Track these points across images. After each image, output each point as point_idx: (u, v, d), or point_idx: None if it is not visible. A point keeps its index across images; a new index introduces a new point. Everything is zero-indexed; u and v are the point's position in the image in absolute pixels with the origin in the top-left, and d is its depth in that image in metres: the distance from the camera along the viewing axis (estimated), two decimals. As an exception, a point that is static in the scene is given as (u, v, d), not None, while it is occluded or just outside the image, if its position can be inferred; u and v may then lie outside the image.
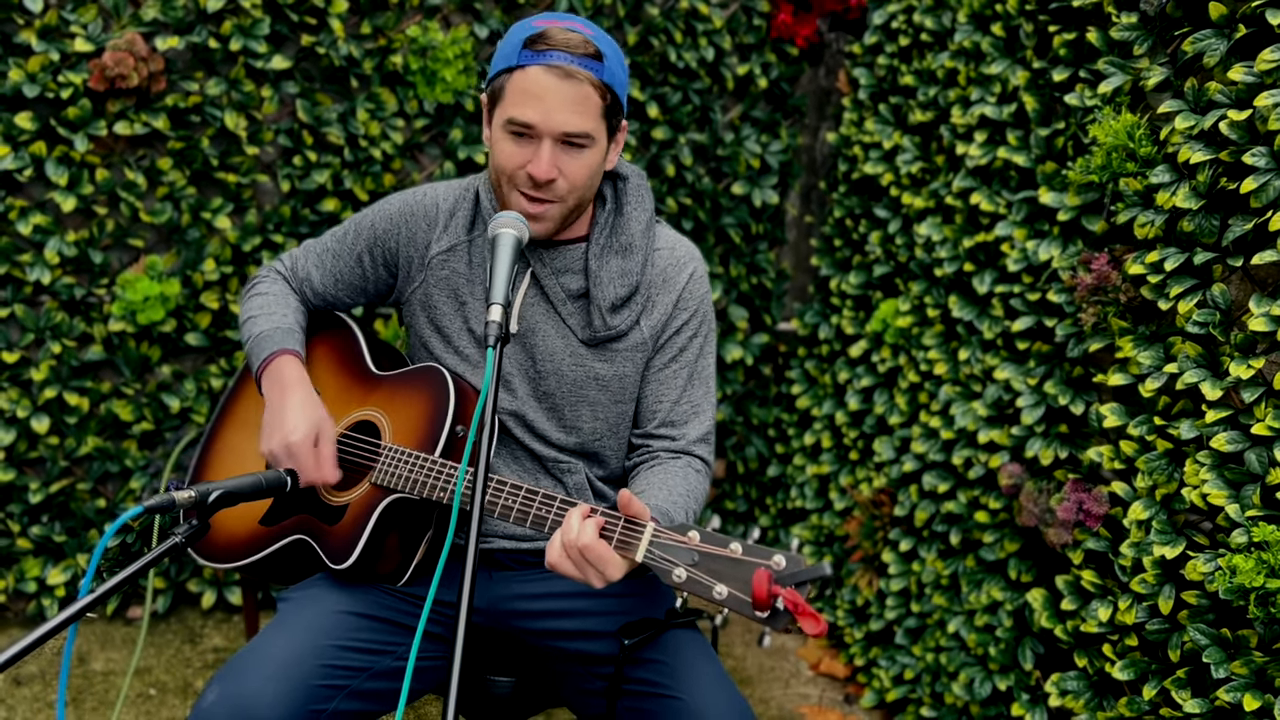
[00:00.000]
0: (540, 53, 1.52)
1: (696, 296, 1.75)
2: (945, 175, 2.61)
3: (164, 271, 2.67)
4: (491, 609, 1.71)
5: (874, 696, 2.75)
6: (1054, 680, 2.15)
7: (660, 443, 1.75)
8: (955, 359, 2.55)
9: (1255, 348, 1.79)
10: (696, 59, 3.00)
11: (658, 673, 1.56)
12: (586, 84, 1.53)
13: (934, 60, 2.65)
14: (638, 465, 1.75)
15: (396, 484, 1.58)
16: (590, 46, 1.54)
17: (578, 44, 1.53)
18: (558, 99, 1.52)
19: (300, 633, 1.53)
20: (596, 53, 1.54)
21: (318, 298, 1.87)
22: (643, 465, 1.74)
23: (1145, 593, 1.94)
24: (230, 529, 1.74)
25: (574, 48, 1.53)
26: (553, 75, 1.52)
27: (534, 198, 1.57)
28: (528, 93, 1.53)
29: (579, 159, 1.56)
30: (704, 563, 1.24)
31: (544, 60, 1.52)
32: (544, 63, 1.52)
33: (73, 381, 2.68)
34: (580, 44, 1.53)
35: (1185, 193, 1.89)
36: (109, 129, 2.57)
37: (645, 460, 1.74)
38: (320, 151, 2.75)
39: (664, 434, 1.75)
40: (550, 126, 1.53)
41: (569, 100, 1.52)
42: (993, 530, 2.40)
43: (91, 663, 2.66)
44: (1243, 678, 1.74)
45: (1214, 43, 1.85)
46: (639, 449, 1.77)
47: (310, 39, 2.65)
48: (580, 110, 1.53)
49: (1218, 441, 1.80)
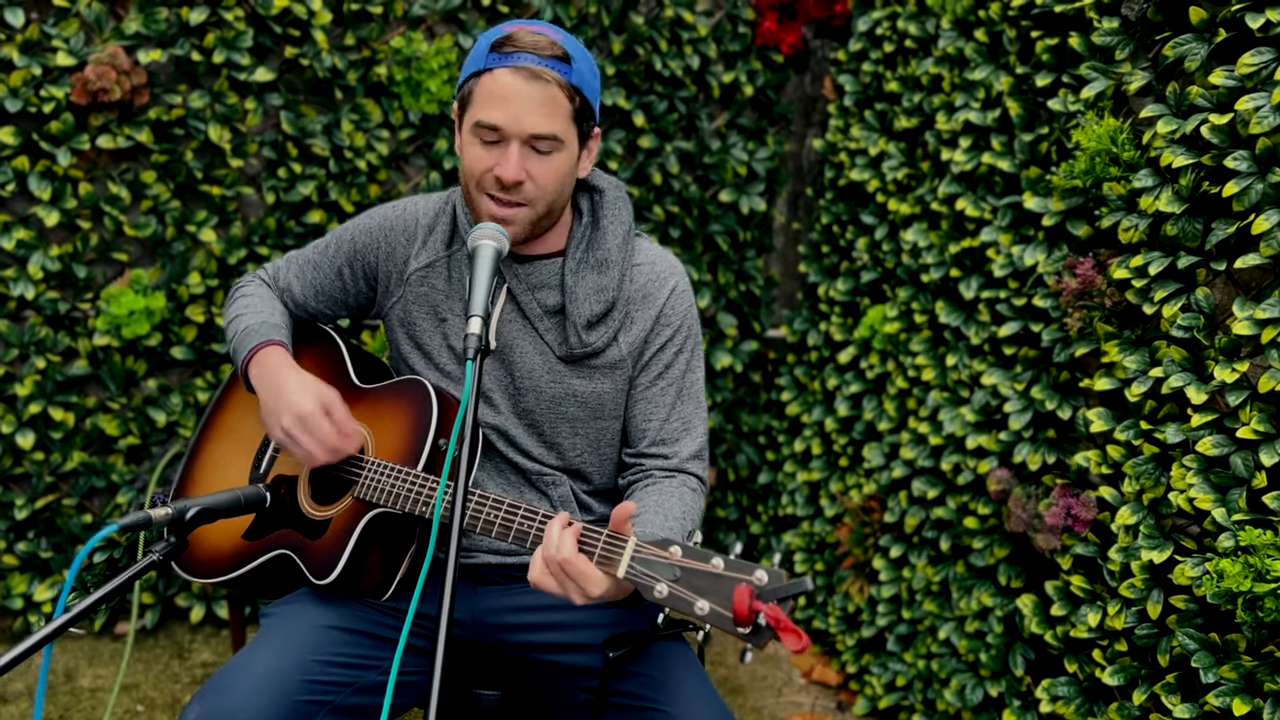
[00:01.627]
0: (507, 55, 1.52)
1: (679, 312, 1.74)
2: (931, 181, 2.62)
3: (149, 285, 2.65)
4: (476, 623, 1.69)
5: (866, 704, 2.74)
6: (1045, 686, 2.15)
7: (653, 461, 1.73)
8: (943, 365, 2.55)
9: (1239, 351, 1.79)
10: (682, 67, 3.00)
11: (643, 685, 1.55)
12: (554, 85, 1.52)
13: (918, 66, 2.65)
14: (633, 484, 1.73)
15: (379, 498, 1.57)
16: (558, 49, 1.53)
17: (545, 46, 1.52)
18: (525, 101, 1.51)
19: (283, 648, 1.52)
20: (564, 55, 1.53)
21: (298, 309, 1.86)
22: (638, 485, 1.72)
23: (1134, 598, 1.93)
24: (214, 544, 1.73)
25: (541, 49, 1.52)
26: (519, 77, 1.51)
27: (502, 200, 1.56)
28: (495, 95, 1.52)
29: (547, 162, 1.55)
30: (686, 578, 1.23)
31: (511, 62, 1.51)
32: (511, 64, 1.51)
33: (58, 396, 2.66)
34: (547, 46, 1.53)
35: (1168, 197, 1.89)
36: (92, 143, 2.56)
37: (639, 480, 1.72)
38: (305, 163, 2.74)
39: (656, 453, 1.73)
40: (518, 128, 1.52)
41: (536, 102, 1.51)
42: (982, 536, 2.39)
43: (79, 679, 2.64)
44: (1232, 682, 1.74)
45: (1195, 47, 1.85)
46: (632, 468, 1.75)
47: (294, 51, 2.64)
48: (548, 112, 1.52)
49: (1203, 445, 1.79)
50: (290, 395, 1.58)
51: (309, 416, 1.56)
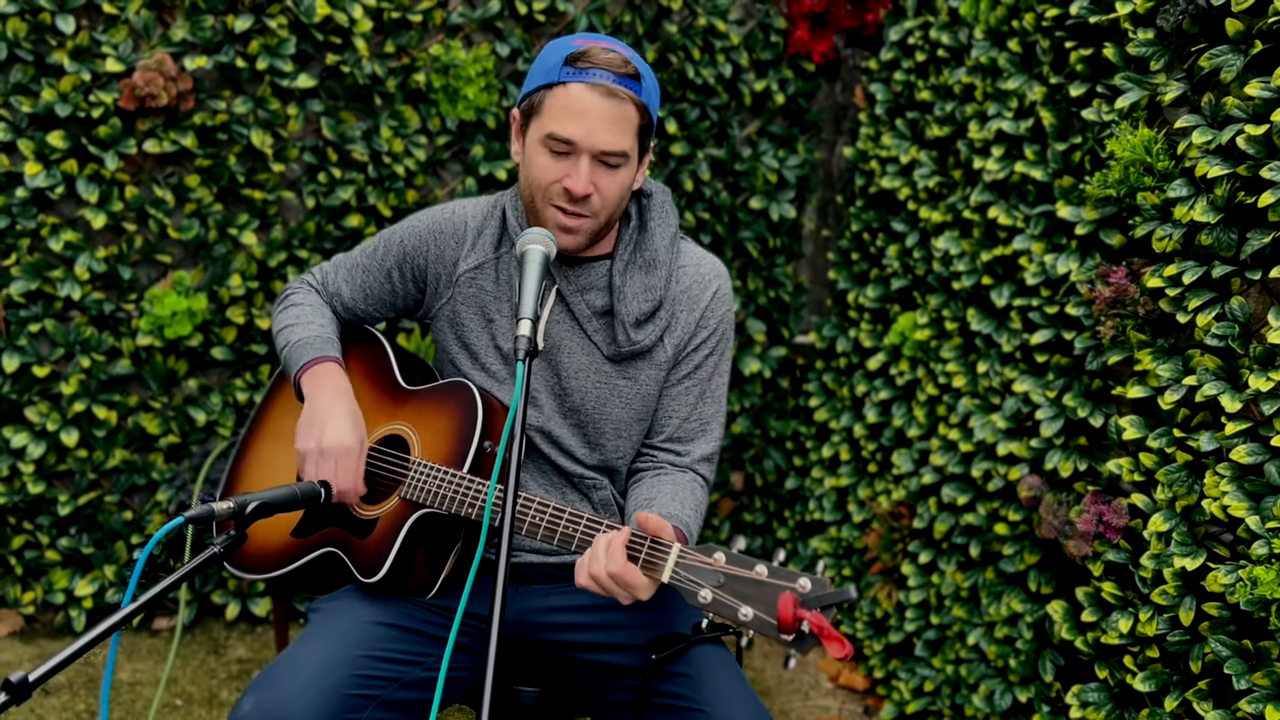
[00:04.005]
0: (583, 70, 1.55)
1: (718, 315, 1.77)
2: (963, 189, 2.64)
3: (191, 287, 2.71)
4: (518, 621, 1.73)
5: (893, 709, 2.76)
6: (1075, 692, 2.16)
7: (666, 455, 1.77)
8: (974, 372, 2.57)
9: (1274, 360, 1.80)
10: (714, 75, 3.03)
11: (684, 686, 1.58)
12: (629, 103, 1.56)
13: (950, 76, 2.67)
14: (642, 471, 1.77)
15: (425, 499, 1.60)
16: (630, 67, 1.57)
17: (619, 63, 1.56)
18: (599, 117, 1.55)
19: (332, 643, 1.55)
20: (636, 73, 1.57)
21: (347, 312, 1.90)
22: (648, 472, 1.76)
23: (1166, 604, 1.95)
24: (263, 541, 1.77)
25: (616, 67, 1.56)
26: (596, 93, 1.55)
27: (570, 211, 1.60)
28: (569, 109, 1.55)
29: (613, 176, 1.59)
30: (730, 584, 1.26)
31: (587, 78, 1.55)
32: (587, 80, 1.55)
33: (101, 395, 2.72)
34: (621, 64, 1.56)
35: (1203, 206, 1.90)
36: (138, 147, 2.61)
37: (650, 468, 1.77)
38: (344, 168, 2.79)
39: (670, 448, 1.77)
40: (590, 143, 1.55)
41: (610, 118, 1.55)
42: (1012, 542, 2.41)
43: (118, 673, 2.69)
44: (1264, 689, 1.75)
45: (1231, 58, 1.87)
46: (643, 456, 1.79)
47: (335, 58, 2.69)
48: (620, 129, 1.56)
49: (1237, 453, 1.81)
50: (337, 424, 1.62)
51: (343, 451, 1.60)
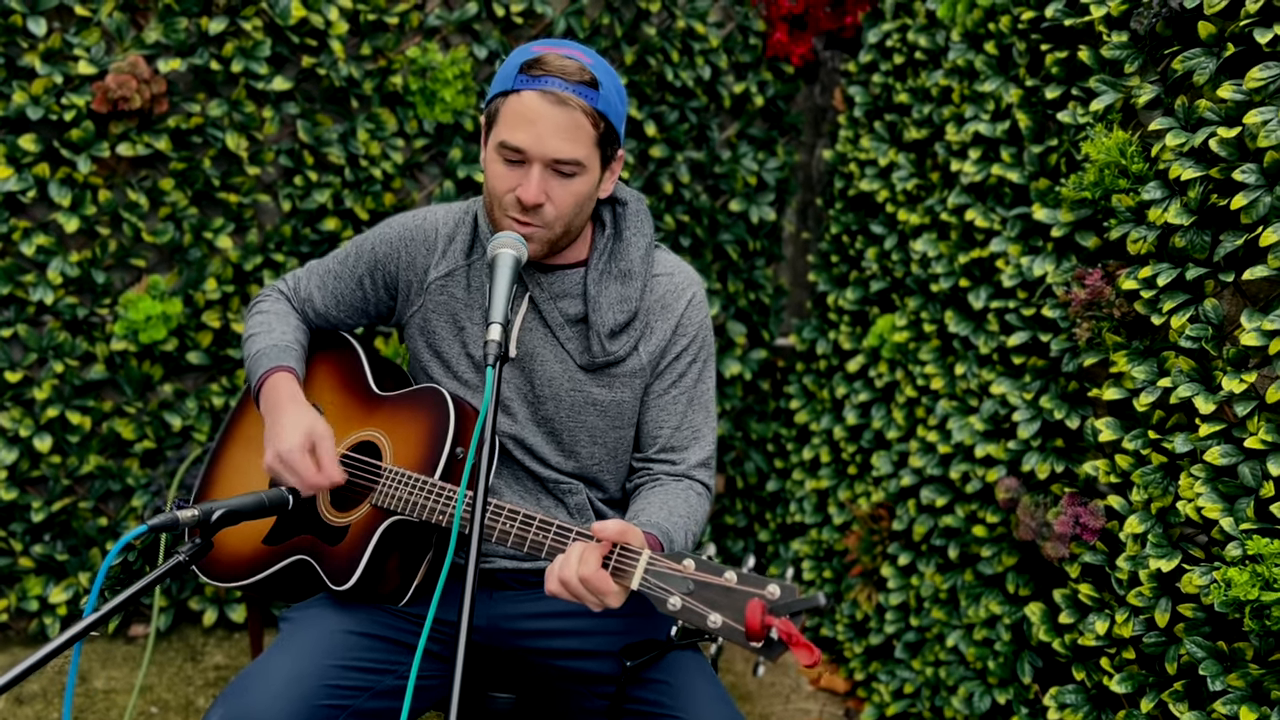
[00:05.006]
0: (536, 78, 1.54)
1: (695, 322, 1.76)
2: (940, 192, 2.64)
3: (166, 291, 2.69)
4: (493, 628, 1.72)
5: (874, 711, 2.75)
6: (1052, 694, 2.16)
7: (661, 467, 1.76)
8: (952, 374, 2.57)
9: (1247, 362, 1.81)
10: (693, 78, 3.03)
11: (659, 692, 1.57)
12: (579, 111, 1.54)
13: (928, 78, 2.67)
14: (639, 486, 1.76)
15: (397, 506, 1.59)
16: (586, 74, 1.55)
17: (573, 71, 1.54)
18: (549, 125, 1.53)
19: (303, 652, 1.54)
20: (592, 80, 1.55)
21: (320, 318, 1.89)
22: (644, 486, 1.75)
23: (1142, 606, 1.95)
24: (234, 548, 1.75)
25: (569, 74, 1.54)
26: (546, 101, 1.53)
27: (522, 221, 1.58)
28: (521, 117, 1.54)
29: (567, 186, 1.57)
30: (699, 591, 1.25)
31: (538, 85, 1.53)
32: (538, 88, 1.53)
33: (75, 400, 2.69)
34: (576, 71, 1.55)
35: (1177, 209, 1.91)
36: (112, 150, 2.59)
37: (646, 482, 1.76)
38: (321, 171, 2.77)
39: (665, 459, 1.76)
40: (541, 152, 1.54)
41: (560, 127, 1.53)
42: (990, 544, 2.41)
43: (93, 681, 2.66)
44: (1239, 690, 1.76)
45: (1203, 61, 1.87)
46: (639, 472, 1.78)
47: (311, 60, 2.67)
48: (571, 137, 1.54)
49: (1211, 455, 1.81)
50: (281, 433, 1.61)
51: (288, 455, 1.58)
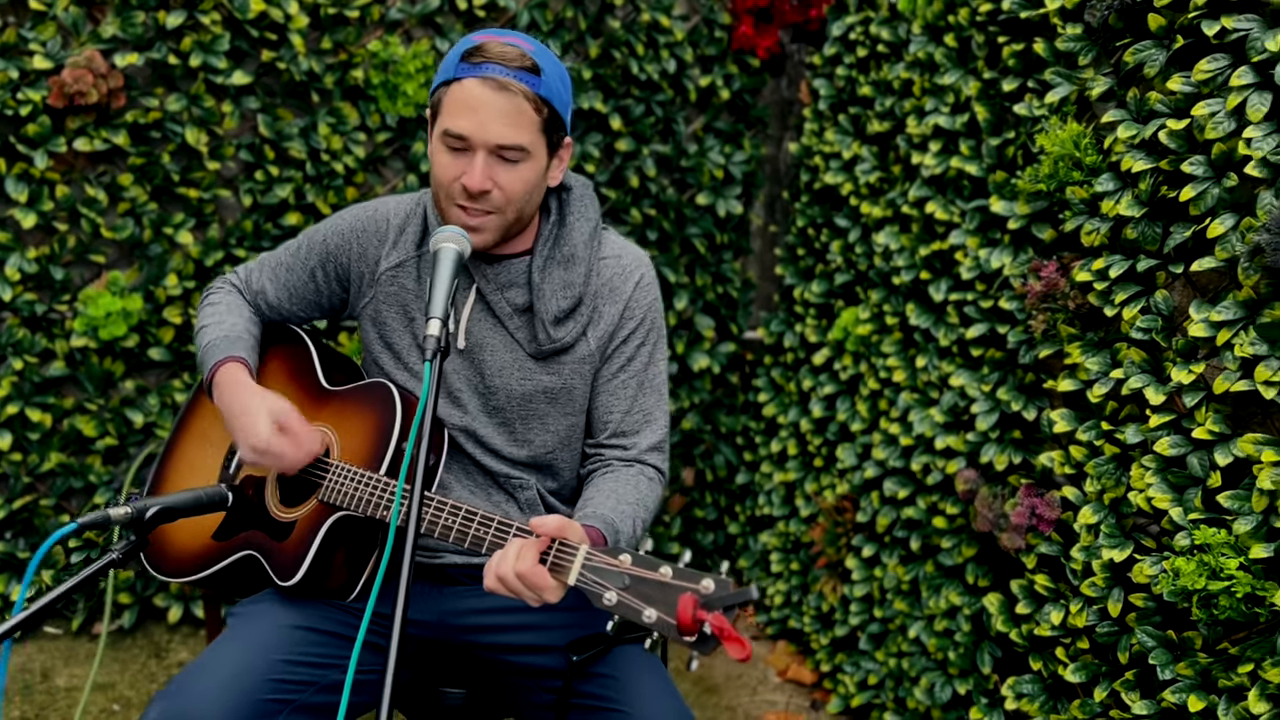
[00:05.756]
0: (476, 65, 1.53)
1: (644, 304, 1.76)
2: (902, 184, 2.64)
3: (126, 287, 2.67)
4: (442, 623, 1.71)
5: (840, 702, 2.76)
6: (1010, 684, 2.17)
7: (613, 452, 1.76)
8: (913, 366, 2.58)
9: (1196, 353, 1.82)
10: (659, 71, 3.02)
11: (605, 686, 1.57)
12: (520, 96, 1.53)
13: (890, 71, 2.68)
14: (591, 473, 1.76)
15: (342, 501, 1.58)
16: (527, 60, 1.55)
17: (514, 57, 1.54)
18: (491, 111, 1.53)
19: (247, 647, 1.53)
20: (533, 66, 1.55)
21: (272, 311, 1.87)
22: (595, 473, 1.75)
23: (1095, 596, 1.96)
24: (185, 543, 1.74)
25: (509, 61, 1.54)
26: (487, 87, 1.52)
27: (470, 209, 1.58)
28: (463, 104, 1.54)
29: (514, 172, 1.57)
30: (634, 586, 1.25)
31: (479, 72, 1.53)
32: (479, 75, 1.53)
33: (35, 398, 2.67)
34: (516, 57, 1.54)
35: (1128, 201, 1.91)
36: (69, 145, 2.57)
37: (598, 468, 1.75)
38: (282, 166, 2.76)
39: (616, 444, 1.76)
40: (483, 138, 1.53)
41: (502, 112, 1.53)
42: (950, 535, 2.42)
43: (55, 679, 2.65)
44: (1188, 679, 1.77)
45: (1154, 53, 1.88)
46: (592, 458, 1.78)
47: (271, 54, 2.66)
48: (514, 123, 1.54)
49: (1161, 446, 1.82)
50: (246, 424, 1.60)
51: (262, 445, 1.57)
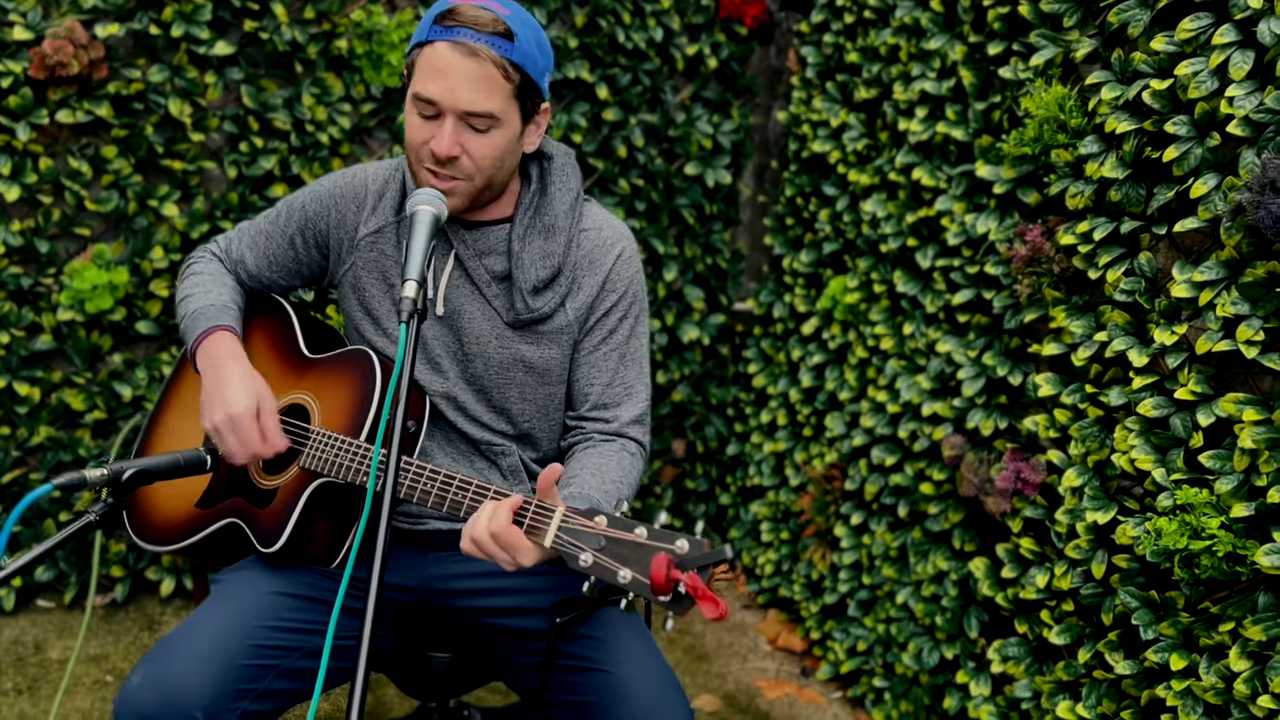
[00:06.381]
0: (448, 29, 1.52)
1: (625, 278, 1.75)
2: (889, 151, 2.63)
3: (112, 260, 2.66)
4: (426, 588, 1.72)
5: (829, 669, 2.78)
6: (996, 647, 2.18)
7: (594, 425, 1.75)
8: (900, 333, 2.58)
9: (1179, 314, 1.82)
10: (645, 40, 3.00)
11: (589, 648, 1.58)
12: (489, 63, 1.51)
13: (877, 37, 2.66)
14: (573, 446, 1.76)
15: (323, 468, 1.58)
16: (500, 25, 1.53)
17: (486, 22, 1.52)
18: (460, 76, 1.51)
19: (230, 614, 1.54)
20: (506, 31, 1.53)
21: (253, 280, 1.87)
22: (577, 447, 1.74)
23: (1079, 558, 1.97)
24: (169, 512, 1.74)
25: (481, 25, 1.52)
26: (457, 52, 1.51)
27: (439, 174, 1.57)
28: (433, 68, 1.52)
29: (484, 139, 1.56)
30: (610, 547, 1.26)
31: (450, 36, 1.51)
32: (450, 39, 1.51)
33: (22, 371, 2.67)
34: (489, 22, 1.52)
35: (1112, 163, 1.91)
36: (51, 117, 2.56)
37: (579, 442, 1.75)
38: (267, 137, 2.74)
39: (597, 416, 1.75)
40: (452, 103, 1.52)
41: (471, 78, 1.51)
42: (937, 501, 2.43)
43: (48, 651, 2.66)
44: (1170, 638, 1.78)
45: (1137, 13, 1.87)
46: (573, 430, 1.78)
47: (253, 24, 2.64)
48: (484, 89, 1.52)
49: (1144, 407, 1.82)
50: (228, 393, 1.59)
51: (238, 419, 1.57)
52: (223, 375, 1.63)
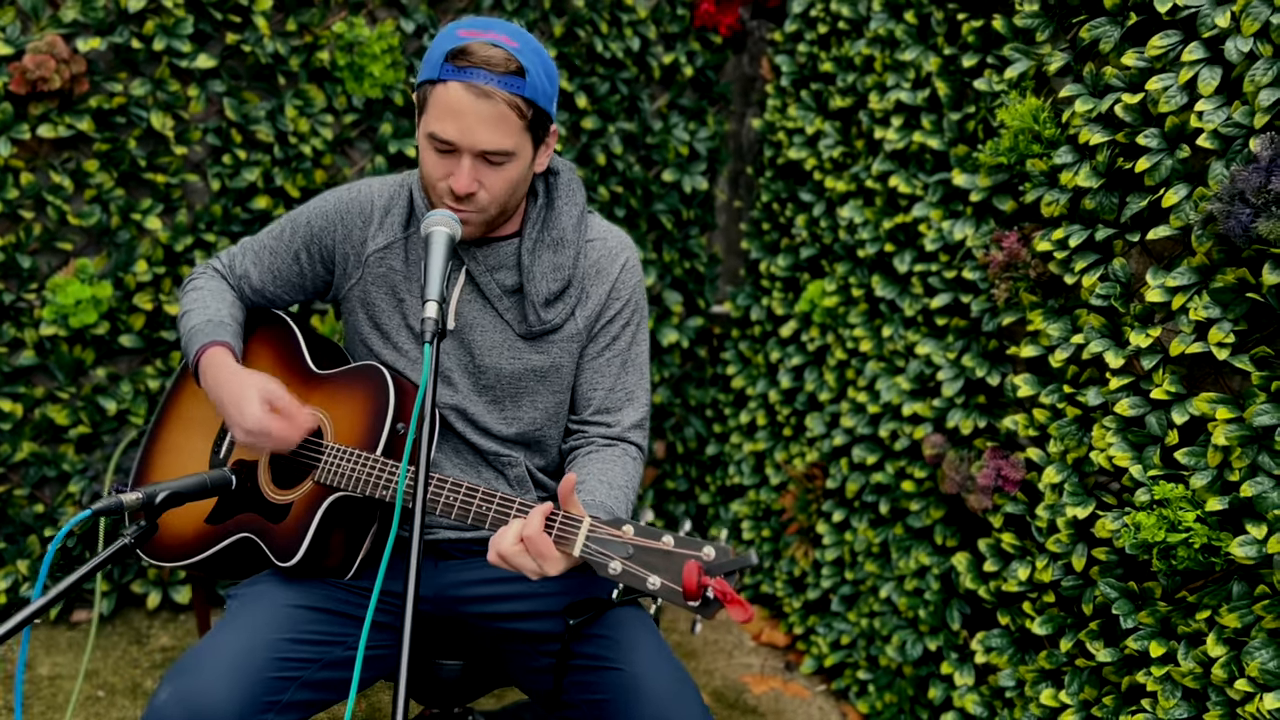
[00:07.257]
0: (461, 69, 1.53)
1: (629, 286, 1.81)
2: (865, 159, 2.70)
3: (95, 274, 2.65)
4: (438, 597, 1.76)
5: (813, 663, 2.85)
6: (979, 638, 2.27)
7: (596, 429, 1.81)
8: (879, 336, 2.65)
9: (1153, 317, 1.91)
10: (623, 49, 3.05)
11: (602, 647, 1.63)
12: (503, 104, 1.54)
13: (851, 47, 2.73)
14: (574, 450, 1.81)
15: (340, 482, 1.61)
16: (513, 63, 1.55)
17: (499, 61, 1.54)
18: (475, 118, 1.54)
19: (251, 628, 1.56)
20: (519, 69, 1.55)
21: (256, 295, 1.89)
22: (579, 451, 1.79)
23: (1060, 552, 2.05)
24: (177, 528, 1.76)
25: (494, 65, 1.54)
26: (471, 94, 1.53)
27: (456, 209, 1.61)
28: (448, 109, 1.54)
29: (499, 173, 1.59)
30: (638, 555, 1.30)
31: (464, 78, 1.53)
32: (464, 80, 1.53)
33: (5, 387, 2.66)
34: (502, 61, 1.54)
35: (1086, 172, 1.99)
36: (32, 132, 2.54)
37: (581, 446, 1.80)
38: (250, 149, 2.75)
39: (599, 420, 1.81)
40: (470, 143, 1.55)
41: (487, 119, 1.54)
42: (919, 499, 2.51)
43: (37, 668, 2.65)
44: (1149, 627, 1.87)
45: (1109, 29, 1.95)
46: (575, 434, 1.83)
47: (235, 37, 2.64)
48: (499, 129, 1.55)
49: (1121, 407, 1.91)
50: (235, 410, 1.63)
51: (255, 429, 1.61)
52: (224, 395, 1.67)
